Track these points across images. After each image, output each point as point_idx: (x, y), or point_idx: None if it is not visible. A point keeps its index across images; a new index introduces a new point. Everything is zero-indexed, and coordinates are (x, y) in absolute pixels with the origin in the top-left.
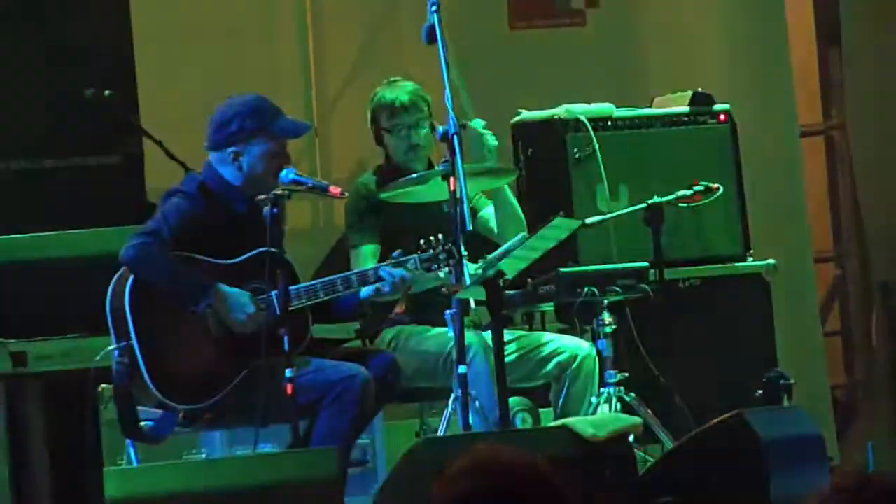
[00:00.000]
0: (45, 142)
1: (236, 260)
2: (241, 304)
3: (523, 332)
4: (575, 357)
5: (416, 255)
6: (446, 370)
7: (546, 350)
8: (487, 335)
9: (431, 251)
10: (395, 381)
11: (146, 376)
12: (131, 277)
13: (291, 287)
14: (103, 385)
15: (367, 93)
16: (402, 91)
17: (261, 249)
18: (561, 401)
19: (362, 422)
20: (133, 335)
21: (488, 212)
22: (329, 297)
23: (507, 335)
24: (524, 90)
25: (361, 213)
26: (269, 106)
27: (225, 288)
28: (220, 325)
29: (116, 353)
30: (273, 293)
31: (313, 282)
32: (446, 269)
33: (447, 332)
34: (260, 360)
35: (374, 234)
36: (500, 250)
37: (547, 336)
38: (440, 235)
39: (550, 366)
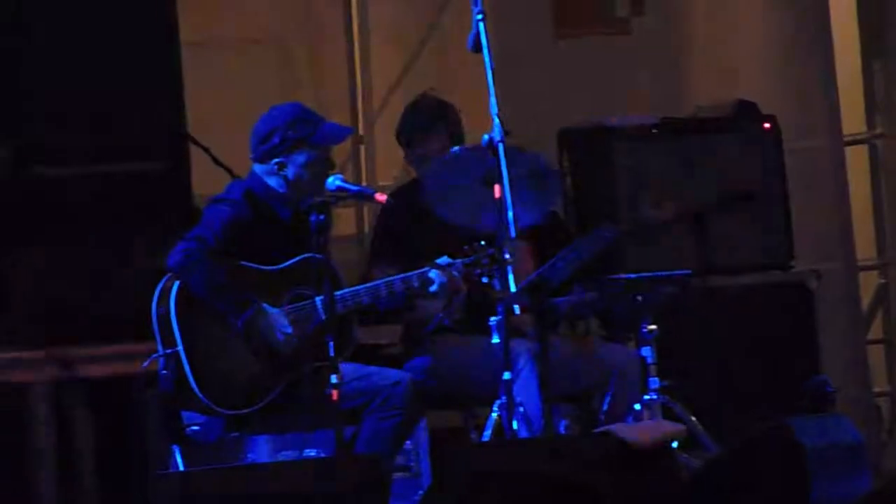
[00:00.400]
0: (91, 148)
1: (281, 266)
2: (279, 325)
3: (569, 337)
4: (618, 365)
5: (459, 260)
6: (489, 378)
7: (586, 365)
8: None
9: (475, 255)
10: (435, 385)
11: (193, 383)
12: (176, 283)
13: (336, 292)
14: (150, 390)
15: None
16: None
17: (305, 255)
18: (605, 407)
19: (407, 427)
20: (179, 342)
21: None
22: (373, 301)
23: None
24: (569, 98)
25: (379, 233)
26: (309, 115)
27: (265, 307)
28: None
29: (162, 359)
30: (318, 299)
31: (358, 287)
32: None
33: (491, 341)
34: (304, 368)
35: (384, 256)
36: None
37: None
38: (482, 241)
39: (595, 373)
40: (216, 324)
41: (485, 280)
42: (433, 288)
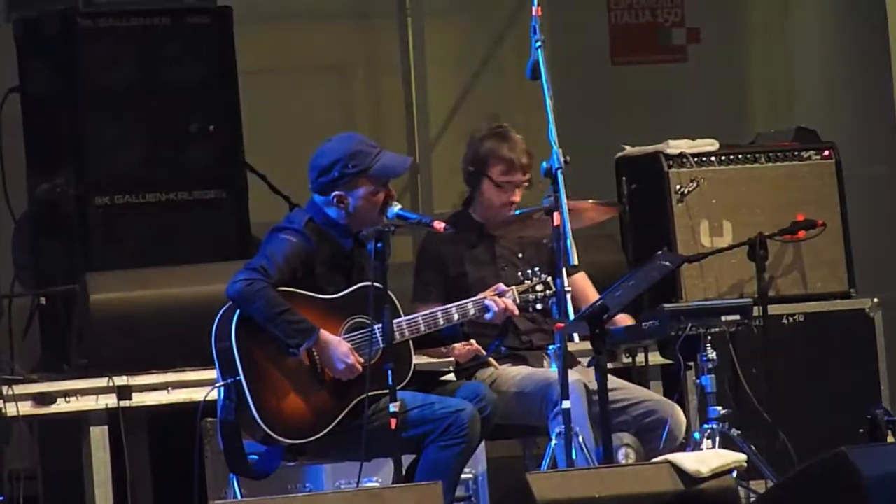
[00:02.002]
0: (149, 176)
1: (338, 295)
2: (340, 354)
3: (617, 385)
4: (663, 422)
5: (514, 288)
6: (542, 409)
7: (636, 411)
8: (580, 377)
9: (528, 282)
10: (490, 413)
11: (254, 412)
12: (237, 313)
13: (394, 320)
14: (208, 419)
15: (469, 129)
16: (520, 149)
17: (362, 284)
18: (663, 436)
19: (468, 456)
20: (240, 371)
21: None
22: (431, 330)
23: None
24: (627, 125)
25: (423, 267)
26: (368, 146)
27: (326, 335)
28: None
29: (223, 389)
30: (376, 327)
31: (415, 315)
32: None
33: (542, 372)
34: (363, 396)
35: (429, 291)
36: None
37: (637, 395)
38: (537, 269)
39: (636, 427)
40: (277, 353)
41: (539, 307)
42: (489, 316)
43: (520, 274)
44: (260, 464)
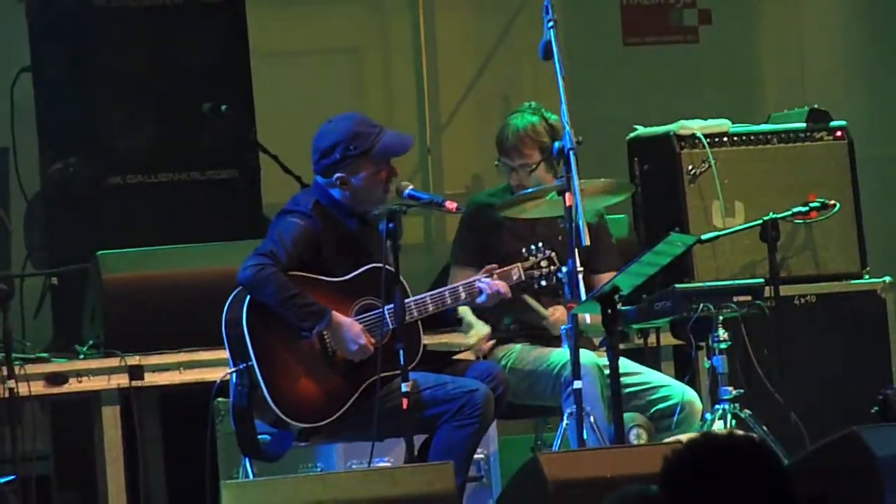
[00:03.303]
0: (161, 156)
1: (347, 277)
2: (352, 335)
3: (636, 370)
4: (679, 408)
5: (518, 265)
6: (555, 389)
7: (653, 395)
8: (595, 358)
9: (532, 259)
10: (503, 392)
11: (268, 397)
12: (247, 298)
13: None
14: (220, 398)
15: (480, 110)
16: (520, 120)
17: (371, 265)
18: (675, 417)
19: (481, 436)
20: (252, 356)
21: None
22: (439, 309)
23: (622, 369)
24: (639, 106)
25: (462, 231)
26: (369, 127)
27: (338, 317)
28: (336, 351)
29: (235, 374)
30: (385, 308)
31: (423, 295)
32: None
33: (558, 352)
34: (375, 377)
35: (465, 255)
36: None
37: (655, 379)
38: (540, 244)
39: (652, 410)
40: (288, 337)
41: (543, 284)
42: (481, 298)
43: (524, 251)
44: (272, 445)
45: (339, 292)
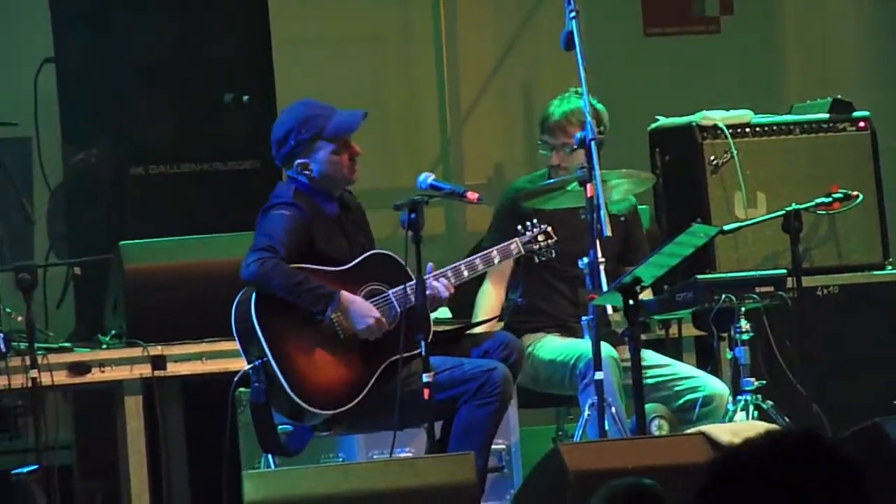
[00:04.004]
0: (183, 147)
1: (349, 265)
2: (363, 312)
3: (663, 362)
4: (709, 399)
5: (517, 239)
6: (572, 380)
7: (681, 385)
8: (611, 350)
9: (529, 233)
10: (516, 360)
11: (286, 387)
12: (254, 294)
13: (446, 267)
14: (242, 388)
15: (501, 101)
16: (567, 103)
17: (372, 252)
18: (696, 409)
19: (501, 415)
20: (266, 350)
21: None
22: (472, 275)
23: (648, 360)
24: (661, 96)
25: (501, 214)
26: (318, 109)
27: (347, 296)
28: (348, 331)
29: (252, 371)
30: (391, 292)
31: (457, 262)
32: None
33: (579, 342)
34: (392, 358)
35: (502, 238)
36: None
37: (683, 371)
38: (535, 220)
39: (681, 401)
40: (301, 326)
41: (543, 258)
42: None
43: (519, 227)
44: (292, 440)
45: (343, 280)
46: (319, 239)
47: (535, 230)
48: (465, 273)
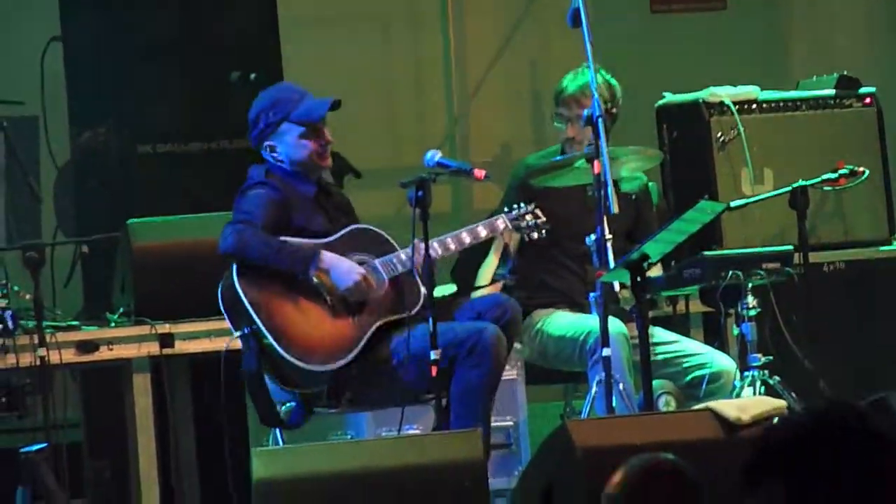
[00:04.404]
0: (191, 125)
1: (330, 239)
2: (346, 269)
3: (672, 338)
4: (717, 376)
5: (502, 215)
6: (581, 356)
7: (688, 362)
8: (621, 327)
9: (515, 211)
10: (511, 317)
11: (278, 348)
12: (234, 266)
13: (433, 239)
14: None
15: (508, 78)
16: (580, 78)
17: (355, 227)
18: (704, 384)
19: (496, 377)
20: (254, 315)
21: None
22: (458, 248)
23: (656, 337)
24: (667, 73)
25: (511, 189)
26: (290, 93)
27: (329, 254)
28: (333, 291)
29: (241, 340)
30: (376, 261)
31: (445, 235)
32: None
33: (586, 318)
34: (385, 318)
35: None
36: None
37: (691, 347)
38: (522, 203)
39: (688, 377)
40: (285, 292)
41: (535, 236)
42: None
43: (506, 209)
44: (293, 415)
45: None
46: (297, 215)
47: (522, 209)
48: (452, 246)
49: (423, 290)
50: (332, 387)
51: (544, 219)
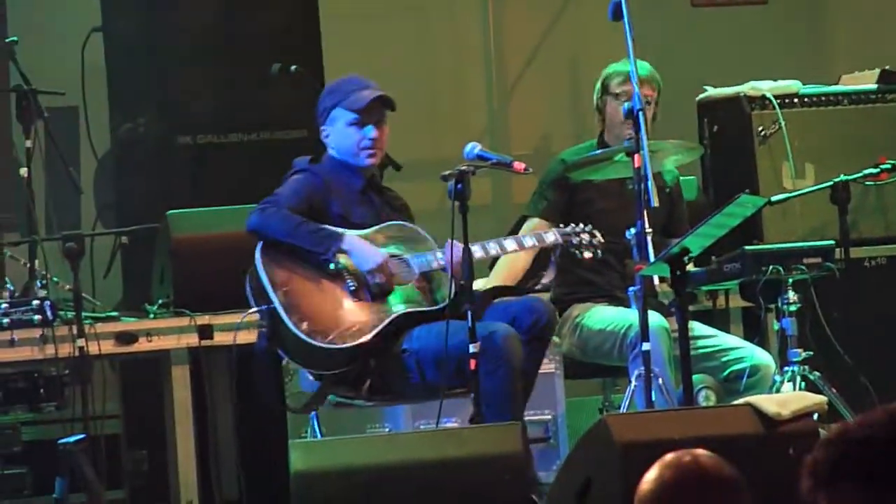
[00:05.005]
0: (231, 116)
1: (366, 231)
2: (372, 251)
3: (710, 333)
4: (755, 370)
5: (555, 229)
6: (622, 350)
7: (727, 356)
8: (662, 321)
9: (572, 227)
10: (547, 321)
11: (288, 322)
12: (259, 245)
13: (474, 243)
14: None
15: (547, 72)
16: (641, 66)
17: (394, 222)
18: (743, 379)
19: (514, 377)
20: (269, 290)
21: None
22: (497, 255)
23: (695, 331)
24: (708, 67)
25: (547, 184)
26: (350, 85)
27: (353, 237)
28: (356, 277)
29: (259, 316)
30: (410, 257)
31: (486, 241)
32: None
33: (627, 313)
34: (407, 310)
35: (547, 208)
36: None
37: (730, 342)
38: (581, 224)
39: (726, 372)
40: (308, 274)
41: (587, 255)
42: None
43: (562, 224)
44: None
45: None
46: (337, 203)
47: (578, 227)
48: (493, 251)
49: (453, 289)
50: (352, 373)
51: (602, 239)
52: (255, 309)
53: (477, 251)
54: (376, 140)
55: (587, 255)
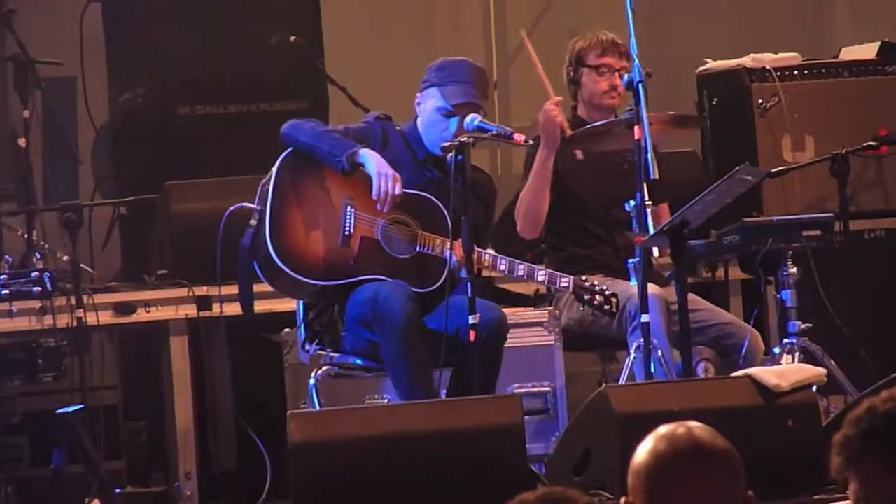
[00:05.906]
0: (230, 87)
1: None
2: (387, 166)
3: (701, 306)
4: (740, 345)
5: (572, 278)
6: (620, 322)
7: (715, 332)
8: (661, 293)
9: (590, 281)
10: (497, 344)
11: (268, 239)
12: (287, 151)
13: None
14: (286, 329)
15: (548, 43)
16: (611, 36)
17: (424, 194)
18: (742, 351)
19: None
20: (269, 195)
21: None
22: (503, 275)
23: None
24: (708, 39)
25: (531, 160)
26: (457, 73)
27: (370, 151)
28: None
29: (253, 213)
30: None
31: (501, 256)
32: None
33: (625, 285)
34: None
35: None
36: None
37: (718, 316)
38: (605, 286)
39: (713, 348)
40: (313, 200)
41: (590, 313)
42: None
43: (584, 277)
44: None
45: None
46: (386, 154)
47: (597, 287)
48: (501, 267)
49: (441, 280)
50: (311, 314)
51: (615, 310)
52: (248, 205)
53: (486, 256)
54: (462, 143)
55: (589, 315)
